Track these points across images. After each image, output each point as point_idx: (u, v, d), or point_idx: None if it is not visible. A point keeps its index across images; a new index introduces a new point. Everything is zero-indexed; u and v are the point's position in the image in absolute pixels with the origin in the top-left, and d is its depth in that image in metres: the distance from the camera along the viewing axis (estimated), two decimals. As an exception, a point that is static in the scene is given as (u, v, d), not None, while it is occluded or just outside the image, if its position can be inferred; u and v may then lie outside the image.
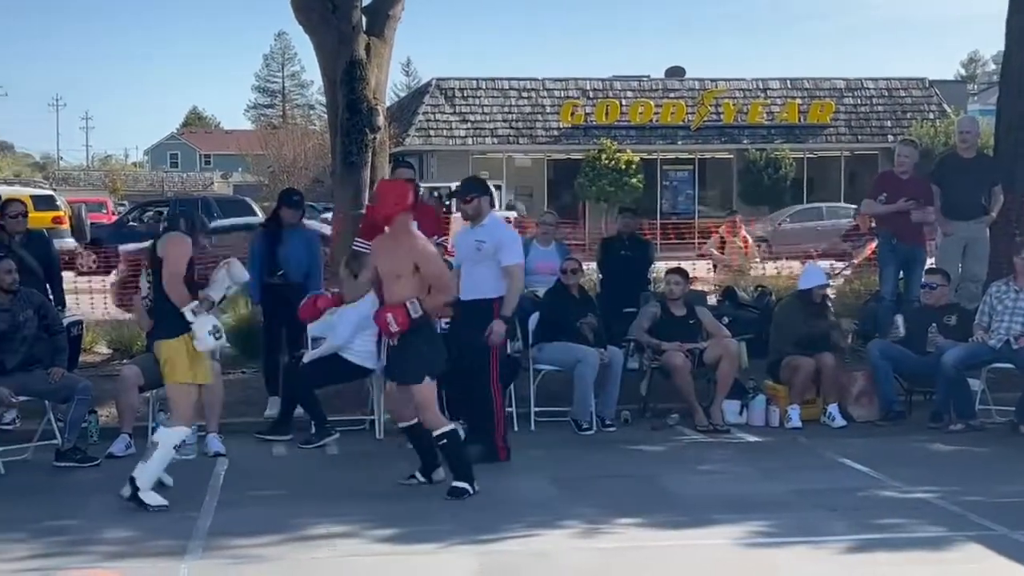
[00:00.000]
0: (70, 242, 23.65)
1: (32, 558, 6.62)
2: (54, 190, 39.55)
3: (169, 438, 7.68)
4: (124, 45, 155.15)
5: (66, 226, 25.16)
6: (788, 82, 41.18)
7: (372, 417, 10.10)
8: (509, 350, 10.58)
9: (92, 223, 29.04)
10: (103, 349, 12.78)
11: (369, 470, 8.87)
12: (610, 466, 8.97)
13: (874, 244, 13.13)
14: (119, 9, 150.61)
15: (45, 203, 25.13)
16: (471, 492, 7.75)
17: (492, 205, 9.22)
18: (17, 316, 8.97)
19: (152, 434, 9.28)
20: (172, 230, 7.84)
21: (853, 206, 29.09)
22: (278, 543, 6.83)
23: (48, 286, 10.41)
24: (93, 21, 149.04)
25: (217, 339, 7.64)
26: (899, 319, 10.65)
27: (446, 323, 9.06)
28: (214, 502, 7.79)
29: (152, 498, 7.53)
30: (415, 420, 8.00)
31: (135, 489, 7.53)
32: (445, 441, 7.87)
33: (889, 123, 40.27)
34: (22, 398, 9.03)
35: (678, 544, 6.81)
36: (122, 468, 8.76)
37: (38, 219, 17.22)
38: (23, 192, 24.91)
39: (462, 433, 8.32)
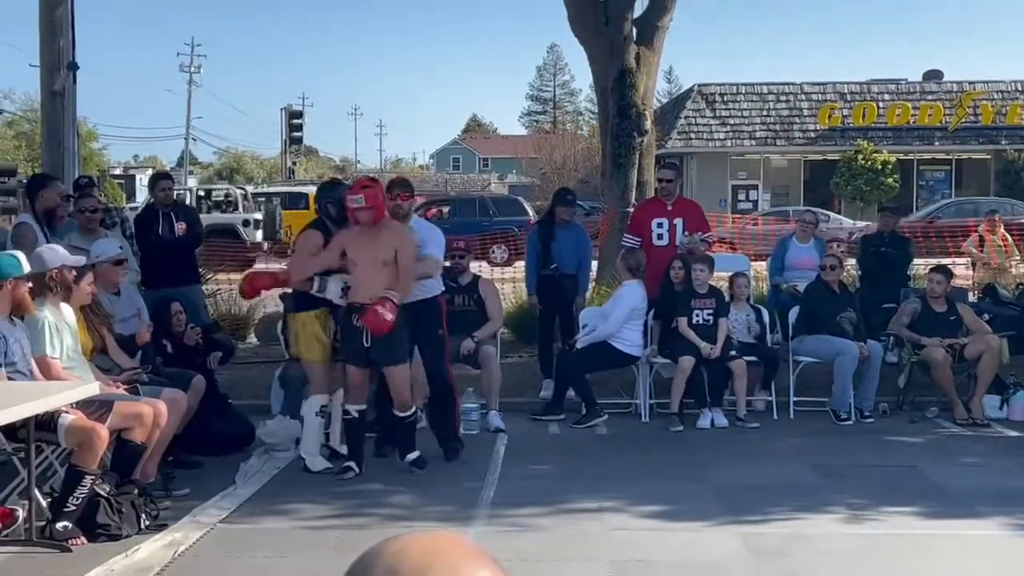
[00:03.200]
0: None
1: (332, 517, 6.88)
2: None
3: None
4: (413, 60, 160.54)
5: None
6: (1049, 83, 38.67)
7: (637, 401, 10.07)
8: (769, 342, 10.36)
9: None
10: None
11: (635, 450, 8.84)
12: (870, 455, 8.62)
13: None
14: (408, 29, 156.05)
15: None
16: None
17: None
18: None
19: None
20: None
21: None
22: (552, 514, 6.87)
23: None
24: (386, 40, 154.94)
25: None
26: None
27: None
28: (496, 474, 7.92)
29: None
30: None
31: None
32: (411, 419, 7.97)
33: None
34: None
35: (944, 533, 6.46)
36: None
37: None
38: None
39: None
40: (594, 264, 12.11)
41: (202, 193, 33.38)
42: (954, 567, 5.85)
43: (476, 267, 10.80)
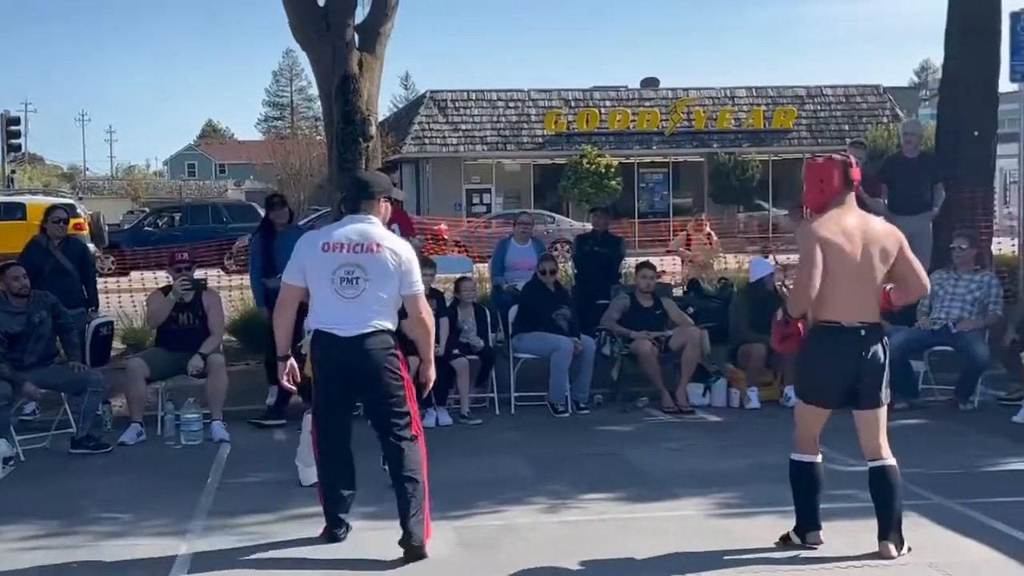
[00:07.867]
0: (89, 246, 23.56)
1: (45, 536, 6.57)
2: (80, 198, 39.53)
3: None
4: (144, 64, 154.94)
5: (86, 231, 25.01)
6: (754, 90, 41.20)
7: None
8: (491, 341, 10.58)
9: (111, 228, 29.25)
10: (118, 344, 12.70)
11: (360, 452, 8.76)
12: (582, 445, 8.95)
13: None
14: (139, 32, 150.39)
15: (66, 210, 25.00)
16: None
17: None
18: (32, 317, 8.95)
19: (162, 424, 9.31)
20: None
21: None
22: (271, 523, 6.77)
23: (84, 287, 10.46)
24: (114, 43, 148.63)
25: None
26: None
27: None
28: (215, 484, 7.77)
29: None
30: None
31: None
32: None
33: (846, 127, 40.27)
34: (41, 391, 9.00)
35: (643, 516, 6.78)
36: (132, 455, 8.77)
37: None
38: (47, 201, 24.77)
39: None
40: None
41: None
42: (651, 546, 6.12)
43: (214, 274, 10.56)
